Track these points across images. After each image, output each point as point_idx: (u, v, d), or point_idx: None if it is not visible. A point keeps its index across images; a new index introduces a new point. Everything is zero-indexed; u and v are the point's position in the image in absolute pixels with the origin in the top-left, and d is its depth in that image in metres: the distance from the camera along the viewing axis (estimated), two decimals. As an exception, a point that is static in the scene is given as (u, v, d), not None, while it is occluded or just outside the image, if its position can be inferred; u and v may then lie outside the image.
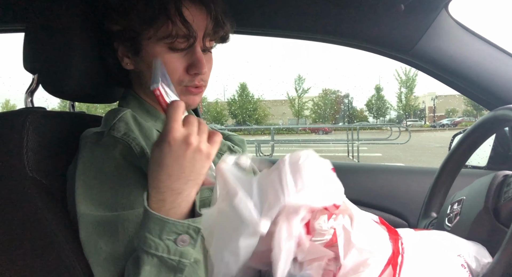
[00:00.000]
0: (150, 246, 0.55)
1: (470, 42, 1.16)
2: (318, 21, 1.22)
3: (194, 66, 0.74)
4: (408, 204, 1.35)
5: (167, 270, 0.56)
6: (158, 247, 0.55)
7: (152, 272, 0.55)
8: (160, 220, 0.55)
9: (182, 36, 0.72)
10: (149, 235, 0.54)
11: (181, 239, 0.55)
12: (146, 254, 0.55)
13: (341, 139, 12.43)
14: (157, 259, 0.55)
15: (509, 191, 0.70)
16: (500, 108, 0.79)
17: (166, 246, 0.55)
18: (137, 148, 0.67)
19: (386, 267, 0.57)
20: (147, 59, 0.74)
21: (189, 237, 0.56)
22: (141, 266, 0.55)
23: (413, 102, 39.66)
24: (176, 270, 0.56)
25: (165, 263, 0.55)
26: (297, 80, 38.99)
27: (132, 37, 0.74)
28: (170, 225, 0.55)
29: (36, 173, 0.69)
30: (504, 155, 1.31)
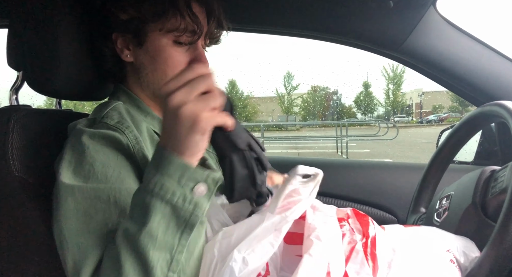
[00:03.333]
0: (167, 191, 0.51)
1: (458, 39, 1.17)
2: (308, 17, 1.22)
3: (198, 60, 0.76)
4: (397, 200, 1.37)
5: (177, 225, 0.52)
6: (176, 192, 0.51)
7: (161, 224, 0.51)
8: (182, 165, 0.52)
9: (189, 30, 0.74)
10: (168, 179, 0.51)
11: (199, 188, 0.52)
12: (160, 201, 0.51)
13: (330, 135, 12.52)
14: (170, 208, 0.51)
15: (496, 186, 0.71)
16: (487, 104, 0.80)
17: (183, 194, 0.51)
18: (130, 135, 0.66)
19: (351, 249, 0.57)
20: (151, 51, 0.75)
21: (207, 187, 0.53)
22: (150, 215, 0.50)
23: (401, 99, 40.14)
24: (186, 225, 0.52)
25: (177, 214, 0.52)
26: (286, 77, 39.10)
27: (138, 28, 0.73)
28: (191, 171, 0.52)
29: (22, 172, 0.67)
30: (490, 150, 1.34)
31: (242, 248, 0.52)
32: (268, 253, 0.54)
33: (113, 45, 0.77)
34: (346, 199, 1.40)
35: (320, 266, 0.51)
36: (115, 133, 0.65)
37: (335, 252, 0.54)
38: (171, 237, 0.51)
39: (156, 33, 0.74)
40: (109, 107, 0.72)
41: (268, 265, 0.55)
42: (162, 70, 0.75)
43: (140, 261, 0.50)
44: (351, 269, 0.55)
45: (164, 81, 0.74)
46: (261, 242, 0.53)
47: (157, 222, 0.51)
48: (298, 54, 70.68)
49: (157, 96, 0.79)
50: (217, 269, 0.52)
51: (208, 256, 0.54)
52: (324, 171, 0.60)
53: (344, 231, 0.59)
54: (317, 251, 0.52)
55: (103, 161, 0.62)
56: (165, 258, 0.51)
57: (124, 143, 0.65)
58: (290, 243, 0.59)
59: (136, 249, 0.50)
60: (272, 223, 0.54)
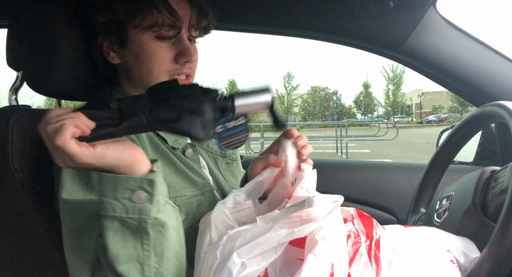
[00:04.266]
0: (107, 209, 0.53)
1: (458, 40, 1.17)
2: (308, 18, 1.22)
3: (183, 54, 0.75)
4: (397, 200, 1.37)
5: (131, 233, 0.53)
6: (115, 207, 0.53)
7: (117, 238, 0.53)
8: (111, 179, 0.53)
9: (168, 24, 0.73)
10: (103, 198, 0.53)
11: (137, 196, 0.54)
12: (105, 219, 0.53)
13: (330, 136, 12.51)
14: (118, 222, 0.53)
15: (496, 187, 0.71)
16: (487, 105, 0.80)
17: (123, 205, 0.53)
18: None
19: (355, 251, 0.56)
20: (134, 50, 0.74)
21: (145, 192, 0.54)
22: (104, 235, 0.53)
23: (400, 99, 40.16)
24: (140, 231, 0.53)
25: (127, 225, 0.53)
26: (286, 77, 39.10)
27: (118, 28, 0.73)
28: (122, 182, 0.53)
29: (22, 172, 0.67)
30: (490, 151, 1.34)
31: (242, 253, 0.52)
32: (269, 258, 0.54)
33: (100, 49, 0.76)
34: (345, 200, 1.38)
35: (324, 267, 0.51)
36: None
37: (339, 253, 0.54)
38: (132, 247, 0.53)
39: (136, 31, 0.73)
40: None
41: (267, 268, 0.55)
42: (147, 68, 0.74)
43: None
44: (354, 271, 0.55)
45: (151, 78, 0.74)
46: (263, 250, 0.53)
47: (112, 240, 0.53)
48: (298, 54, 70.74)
49: None
50: (217, 271, 0.52)
51: (210, 257, 0.54)
52: (323, 171, 0.60)
53: (348, 232, 0.58)
54: (322, 251, 0.52)
55: None
56: (136, 268, 0.53)
57: None
58: (292, 245, 0.59)
59: (110, 270, 0.53)
60: (278, 235, 0.54)
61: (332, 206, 0.56)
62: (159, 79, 0.75)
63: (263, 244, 0.53)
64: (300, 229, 0.54)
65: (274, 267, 0.56)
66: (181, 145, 0.78)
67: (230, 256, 0.52)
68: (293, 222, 0.55)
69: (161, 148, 0.74)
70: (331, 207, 0.56)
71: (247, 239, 0.54)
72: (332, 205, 0.57)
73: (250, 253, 0.53)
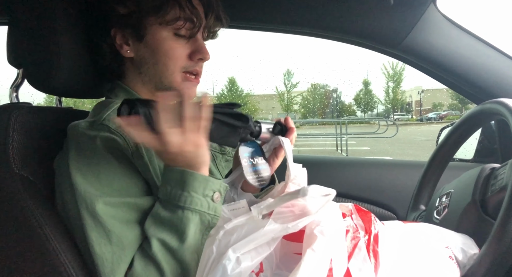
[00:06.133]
0: (196, 204, 0.61)
1: (458, 37, 1.17)
2: (308, 15, 1.22)
3: (199, 52, 0.77)
4: (396, 197, 1.37)
5: (201, 229, 0.61)
6: (202, 203, 0.61)
7: (196, 231, 0.61)
8: (204, 179, 0.62)
9: (189, 22, 0.75)
10: (194, 194, 0.61)
11: (216, 196, 0.63)
12: (191, 212, 0.60)
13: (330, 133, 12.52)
14: (198, 216, 0.61)
15: (496, 184, 0.72)
16: (487, 102, 0.80)
17: (207, 203, 0.62)
18: (131, 142, 0.66)
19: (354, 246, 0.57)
20: (151, 44, 0.75)
21: (220, 194, 0.63)
22: (185, 227, 0.60)
23: (400, 96, 40.15)
24: (207, 227, 0.62)
25: (203, 220, 0.61)
26: (286, 75, 39.05)
27: (138, 21, 0.74)
28: (210, 184, 0.62)
29: (23, 169, 0.67)
30: (490, 148, 1.34)
31: (237, 248, 0.53)
32: (263, 253, 0.54)
33: (112, 41, 0.76)
34: (345, 197, 1.40)
35: (323, 261, 0.51)
36: (116, 137, 0.64)
37: (338, 248, 0.54)
38: (198, 239, 0.61)
39: (156, 26, 0.74)
40: (110, 109, 0.70)
41: (263, 263, 0.56)
42: (163, 62, 0.75)
43: (180, 268, 0.60)
44: (353, 266, 0.55)
45: (166, 74, 0.76)
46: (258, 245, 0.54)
47: (193, 231, 0.60)
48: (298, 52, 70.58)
49: (159, 90, 0.79)
50: (213, 266, 0.53)
51: (206, 252, 0.55)
52: (323, 168, 0.61)
53: (347, 227, 0.59)
54: (321, 246, 0.52)
55: (107, 172, 0.65)
56: (194, 258, 0.61)
57: (125, 148, 0.65)
58: (289, 239, 0.59)
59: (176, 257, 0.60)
60: (272, 230, 0.54)
61: (325, 200, 0.57)
62: (173, 74, 0.77)
63: (257, 239, 0.54)
64: (294, 224, 0.54)
65: (269, 262, 0.57)
66: None
67: (226, 252, 0.52)
68: (287, 217, 0.55)
69: None
70: (323, 201, 0.57)
71: (242, 234, 0.55)
72: (325, 199, 0.57)
73: (245, 248, 0.53)
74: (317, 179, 1.47)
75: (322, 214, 0.58)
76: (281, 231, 0.54)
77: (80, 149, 0.65)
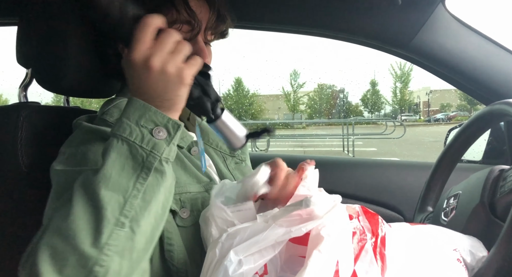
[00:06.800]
0: (124, 130, 0.51)
1: (467, 37, 1.16)
2: (315, 15, 1.21)
3: (198, 55, 0.74)
4: (404, 199, 1.36)
5: (132, 165, 0.51)
6: (132, 132, 0.51)
7: (116, 163, 0.50)
8: (142, 106, 0.52)
9: (186, 26, 0.72)
10: (125, 120, 0.52)
11: (158, 131, 0.52)
12: (116, 139, 0.51)
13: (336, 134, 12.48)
14: (127, 147, 0.51)
15: (505, 186, 0.71)
16: (497, 103, 0.79)
17: (141, 133, 0.51)
18: None
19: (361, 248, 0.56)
20: None
21: (167, 131, 0.53)
22: (106, 154, 0.50)
23: (408, 97, 39.86)
24: (142, 166, 0.51)
25: (134, 154, 0.51)
26: (292, 75, 39.01)
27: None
28: (151, 113, 0.52)
29: (31, 168, 0.68)
30: (499, 149, 1.32)
31: (239, 251, 0.53)
32: (266, 256, 0.54)
33: (115, 44, 0.76)
34: (352, 198, 1.39)
35: (329, 263, 0.51)
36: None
37: (344, 250, 0.54)
38: (126, 179, 0.50)
39: None
40: (112, 104, 0.72)
41: (267, 265, 0.55)
42: None
43: (91, 202, 0.48)
44: (360, 268, 0.55)
45: None
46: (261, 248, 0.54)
47: (112, 161, 0.50)
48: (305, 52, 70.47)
49: None
50: (215, 269, 0.53)
51: (209, 255, 0.55)
52: (330, 169, 0.61)
53: (354, 229, 0.58)
54: (327, 248, 0.52)
55: (95, 151, 0.62)
56: (118, 200, 0.49)
57: None
58: (295, 242, 0.59)
59: (88, 189, 0.49)
60: (276, 234, 0.54)
61: (331, 205, 0.57)
62: None
63: (260, 242, 0.53)
64: (298, 228, 0.54)
65: (274, 264, 0.57)
66: (186, 143, 0.78)
67: (227, 254, 0.52)
68: (292, 221, 0.55)
69: None
70: (329, 206, 0.56)
71: (245, 237, 0.54)
72: (331, 204, 0.57)
73: (248, 251, 0.53)
74: (324, 180, 1.46)
75: (329, 215, 0.57)
76: (284, 235, 0.54)
77: (71, 140, 0.66)
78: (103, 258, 0.47)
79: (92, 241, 0.47)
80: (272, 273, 0.56)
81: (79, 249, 0.46)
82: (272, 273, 0.56)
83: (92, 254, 0.46)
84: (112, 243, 0.48)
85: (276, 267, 0.57)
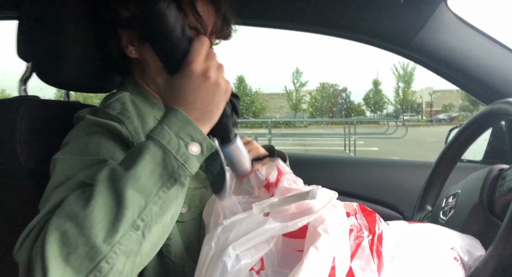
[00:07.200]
0: (163, 137, 0.52)
1: (469, 36, 1.15)
2: (317, 12, 1.21)
3: None
4: (403, 198, 1.36)
5: (161, 174, 0.51)
6: (171, 141, 0.52)
7: (148, 167, 0.50)
8: (184, 119, 0.54)
9: (193, 28, 0.73)
10: (166, 127, 0.53)
11: (194, 147, 0.53)
12: (154, 143, 0.51)
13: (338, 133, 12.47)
14: (162, 154, 0.51)
15: (504, 185, 0.71)
16: (497, 102, 0.79)
17: (178, 145, 0.52)
18: (130, 126, 0.66)
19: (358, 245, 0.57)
20: None
21: (200, 149, 0.54)
22: (141, 154, 0.50)
23: (411, 97, 39.77)
24: (169, 177, 0.51)
25: (166, 162, 0.51)
26: (294, 74, 38.96)
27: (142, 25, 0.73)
28: (191, 128, 0.54)
29: (29, 161, 0.68)
30: (500, 149, 1.32)
31: (237, 246, 0.53)
32: (262, 251, 0.54)
33: (119, 40, 0.76)
34: (351, 196, 1.39)
35: (326, 260, 0.51)
36: (115, 123, 0.65)
37: (341, 246, 0.54)
38: (152, 184, 0.50)
39: None
40: (114, 98, 0.72)
41: (264, 260, 0.55)
42: None
43: (115, 197, 0.48)
44: (356, 265, 0.55)
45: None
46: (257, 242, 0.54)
47: (145, 163, 0.50)
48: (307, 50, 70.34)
49: None
50: (212, 262, 0.53)
51: (205, 248, 0.55)
52: (330, 168, 0.61)
53: (351, 226, 0.58)
54: (324, 244, 0.52)
55: (98, 142, 0.62)
56: (139, 202, 0.49)
57: (123, 133, 0.65)
58: (290, 237, 0.59)
59: (115, 184, 0.49)
60: (272, 228, 0.54)
61: (326, 201, 0.57)
62: None
63: (257, 237, 0.53)
64: (294, 223, 0.54)
65: (271, 259, 0.57)
66: None
67: (226, 249, 0.52)
68: (286, 215, 0.55)
69: None
70: (324, 201, 0.57)
71: (241, 231, 0.54)
72: (326, 199, 0.57)
73: (244, 246, 0.53)
74: (323, 177, 1.47)
75: (326, 212, 0.58)
76: (281, 229, 0.54)
77: (74, 132, 0.66)
78: (111, 256, 0.47)
79: (106, 236, 0.46)
80: (269, 268, 0.56)
81: (91, 241, 0.46)
82: (269, 268, 0.56)
83: (103, 249, 0.46)
84: (123, 243, 0.47)
85: (273, 262, 0.57)
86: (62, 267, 0.45)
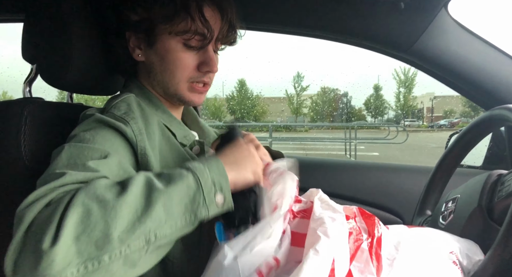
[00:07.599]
0: (202, 174, 0.56)
1: (469, 42, 1.16)
2: (318, 17, 1.22)
3: (207, 64, 0.77)
4: (403, 202, 1.36)
5: (186, 204, 0.53)
6: (206, 181, 0.56)
7: (182, 192, 0.53)
8: (223, 172, 0.58)
9: (199, 34, 0.74)
10: (207, 170, 0.57)
11: (219, 196, 0.57)
12: (193, 175, 0.55)
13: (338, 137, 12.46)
14: (195, 188, 0.54)
15: (503, 190, 0.71)
16: (496, 108, 0.80)
17: (209, 188, 0.56)
18: (135, 127, 0.67)
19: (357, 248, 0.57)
20: (160, 52, 0.75)
21: (223, 202, 0.57)
22: (179, 179, 0.54)
23: (412, 102, 39.74)
24: (191, 211, 0.54)
25: (195, 198, 0.54)
26: (296, 78, 38.99)
27: (149, 29, 0.74)
28: (224, 180, 0.58)
29: (34, 162, 0.69)
30: (500, 155, 1.32)
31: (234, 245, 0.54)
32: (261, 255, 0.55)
33: (126, 43, 0.78)
34: (351, 200, 1.40)
35: (325, 262, 0.52)
36: (120, 123, 0.66)
37: (340, 249, 0.55)
38: (178, 209, 0.52)
39: (166, 35, 0.74)
40: (119, 99, 0.73)
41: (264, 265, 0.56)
42: (171, 71, 0.76)
43: (145, 203, 0.50)
44: (355, 268, 0.55)
45: (172, 82, 0.77)
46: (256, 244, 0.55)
47: (180, 188, 0.53)
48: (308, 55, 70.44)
49: (167, 95, 0.80)
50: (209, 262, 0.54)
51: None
52: (330, 171, 0.61)
53: (350, 229, 0.59)
54: (324, 247, 0.52)
55: (104, 135, 0.63)
56: (161, 220, 0.50)
57: (128, 133, 0.66)
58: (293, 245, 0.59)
59: (150, 192, 0.51)
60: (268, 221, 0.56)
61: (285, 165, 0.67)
62: (180, 84, 0.77)
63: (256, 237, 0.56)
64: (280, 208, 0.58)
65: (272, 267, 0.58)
66: (189, 142, 0.79)
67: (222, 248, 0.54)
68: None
69: (172, 141, 0.76)
70: (285, 166, 0.66)
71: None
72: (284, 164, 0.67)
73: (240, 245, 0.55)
74: (323, 181, 1.47)
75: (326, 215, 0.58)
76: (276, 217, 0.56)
77: (81, 126, 0.67)
78: (116, 253, 0.47)
79: (122, 232, 0.47)
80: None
81: (109, 230, 0.46)
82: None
83: (114, 242, 0.46)
84: (131, 247, 0.48)
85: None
86: (70, 242, 0.44)
